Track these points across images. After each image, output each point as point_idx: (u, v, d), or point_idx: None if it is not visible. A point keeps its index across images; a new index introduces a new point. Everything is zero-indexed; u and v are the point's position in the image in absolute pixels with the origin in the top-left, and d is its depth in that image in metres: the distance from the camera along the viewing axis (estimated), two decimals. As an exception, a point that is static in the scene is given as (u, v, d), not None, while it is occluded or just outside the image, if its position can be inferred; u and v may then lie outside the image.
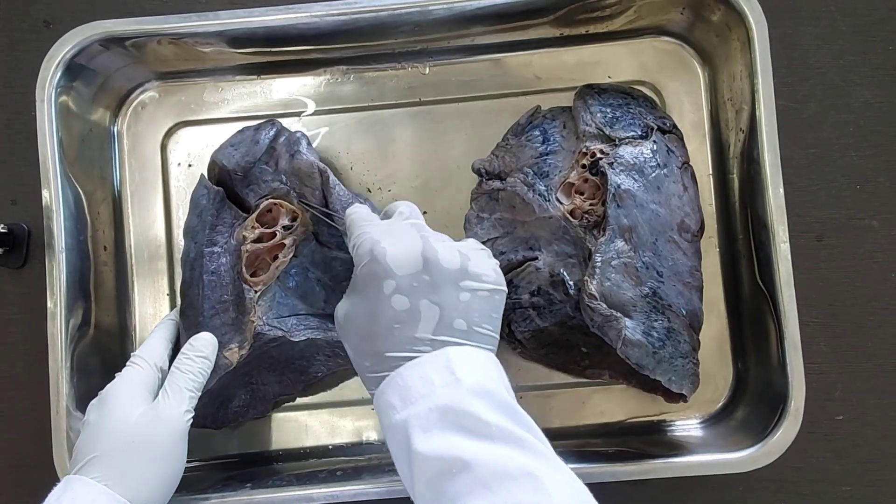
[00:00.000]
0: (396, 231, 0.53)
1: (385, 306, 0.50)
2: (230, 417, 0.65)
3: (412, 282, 0.50)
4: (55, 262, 0.62)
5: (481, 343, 0.50)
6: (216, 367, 0.59)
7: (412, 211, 0.57)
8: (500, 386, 0.48)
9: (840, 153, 0.69)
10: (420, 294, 0.49)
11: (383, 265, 0.50)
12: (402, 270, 0.50)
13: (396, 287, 0.50)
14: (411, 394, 0.47)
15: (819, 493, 0.68)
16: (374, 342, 0.50)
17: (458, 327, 0.50)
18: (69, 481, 0.52)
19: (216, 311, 0.61)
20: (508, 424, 0.45)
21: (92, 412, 0.55)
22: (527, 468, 0.43)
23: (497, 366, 0.50)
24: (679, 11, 0.66)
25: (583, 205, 0.62)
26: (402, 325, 0.49)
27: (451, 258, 0.51)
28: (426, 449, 0.45)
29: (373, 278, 0.50)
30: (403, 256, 0.50)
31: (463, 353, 0.49)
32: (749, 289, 0.65)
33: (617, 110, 0.63)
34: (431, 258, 0.50)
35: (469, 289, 0.50)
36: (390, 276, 0.50)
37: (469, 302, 0.50)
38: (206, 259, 0.61)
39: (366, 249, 0.51)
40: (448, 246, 0.52)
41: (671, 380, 0.59)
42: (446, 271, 0.50)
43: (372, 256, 0.50)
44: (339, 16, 0.63)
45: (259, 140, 0.63)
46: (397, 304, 0.49)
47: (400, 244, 0.51)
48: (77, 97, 0.66)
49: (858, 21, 0.70)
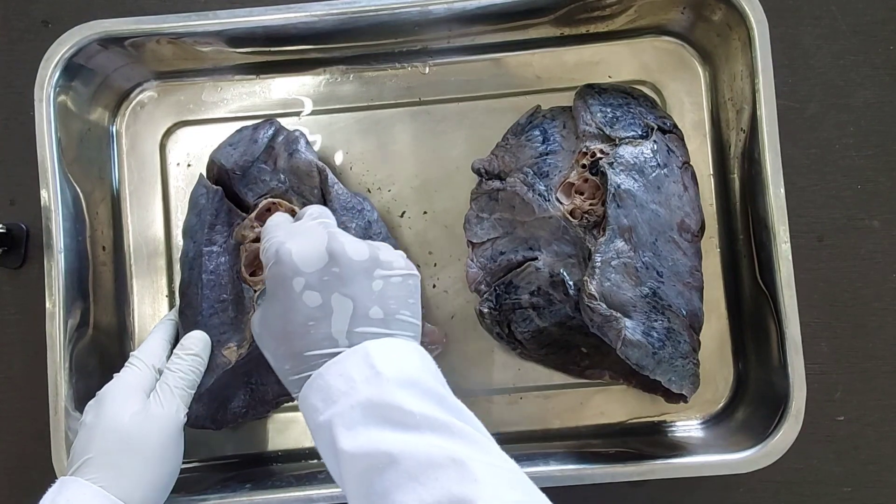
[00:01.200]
0: (302, 230, 0.53)
1: (298, 304, 0.49)
2: (230, 418, 0.64)
3: (321, 276, 0.50)
4: (54, 262, 0.62)
5: (402, 330, 0.50)
6: (215, 365, 0.59)
7: (322, 212, 0.57)
8: (423, 374, 0.48)
9: (841, 153, 0.69)
10: (331, 288, 0.49)
11: (289, 264, 0.50)
12: (309, 267, 0.50)
13: (306, 284, 0.49)
14: (332, 393, 0.47)
15: (819, 494, 0.67)
16: (292, 343, 0.49)
17: (375, 316, 0.50)
18: (64, 482, 0.52)
19: (215, 311, 0.61)
20: (434, 412, 0.45)
21: (89, 413, 0.55)
22: (453, 455, 0.42)
23: (420, 353, 0.50)
24: (680, 11, 0.66)
25: (583, 205, 0.62)
26: (316, 321, 0.49)
27: (359, 249, 0.51)
28: (352, 447, 0.44)
29: (281, 279, 0.50)
30: (309, 253, 0.50)
31: (382, 346, 0.48)
32: (750, 289, 0.65)
33: (617, 110, 0.63)
34: (338, 251, 0.50)
35: (381, 276, 0.51)
36: (298, 274, 0.50)
37: (383, 290, 0.50)
38: (205, 258, 0.61)
39: (272, 252, 0.51)
40: (355, 239, 0.52)
41: (671, 380, 0.59)
42: (355, 262, 0.50)
43: (277, 257, 0.51)
44: (339, 15, 0.63)
45: (257, 139, 0.63)
46: (309, 300, 0.49)
47: (305, 242, 0.51)
48: (76, 97, 0.65)
49: (859, 21, 0.70)
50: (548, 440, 0.66)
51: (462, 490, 0.41)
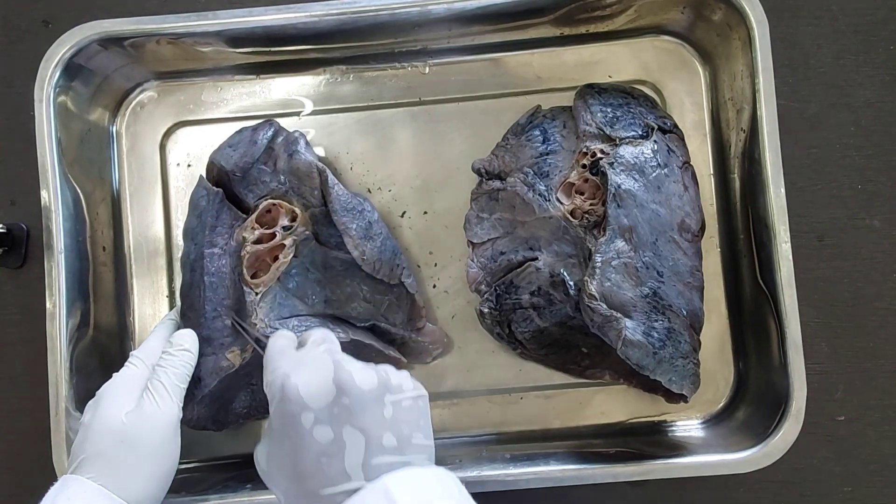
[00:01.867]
0: (307, 361, 0.51)
1: (308, 441, 0.47)
2: (231, 419, 0.64)
3: (331, 410, 0.48)
4: (54, 262, 0.62)
5: (417, 454, 0.49)
6: (219, 368, 0.59)
7: (325, 336, 0.55)
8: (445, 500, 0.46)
9: (841, 153, 0.69)
10: (342, 421, 0.47)
11: (296, 400, 0.48)
12: (317, 402, 0.48)
13: (315, 419, 0.47)
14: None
15: (819, 494, 0.67)
16: (305, 482, 0.47)
17: (388, 444, 0.48)
18: (66, 481, 0.52)
19: (218, 313, 0.61)
20: None
21: (87, 412, 0.55)
22: None
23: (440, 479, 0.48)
24: (680, 11, 0.66)
25: (583, 205, 0.62)
26: (329, 457, 0.47)
27: (367, 378, 0.49)
28: None
29: (289, 416, 0.48)
30: (316, 387, 0.48)
31: (401, 480, 0.46)
32: (750, 289, 0.65)
33: (617, 110, 0.63)
34: (346, 382, 0.48)
35: (391, 402, 0.49)
36: (306, 410, 0.48)
37: (394, 416, 0.49)
38: (206, 261, 0.61)
39: (277, 387, 0.49)
40: (362, 366, 0.50)
41: (672, 380, 0.59)
42: (365, 392, 0.48)
43: (283, 394, 0.48)
44: (339, 15, 0.63)
45: (257, 140, 0.63)
46: (320, 436, 0.47)
47: (311, 375, 0.49)
48: (76, 97, 0.65)
49: (859, 21, 0.70)
50: (548, 440, 0.66)
51: None
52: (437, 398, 0.67)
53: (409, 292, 0.64)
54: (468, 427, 0.67)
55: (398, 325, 0.65)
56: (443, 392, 0.67)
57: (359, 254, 0.62)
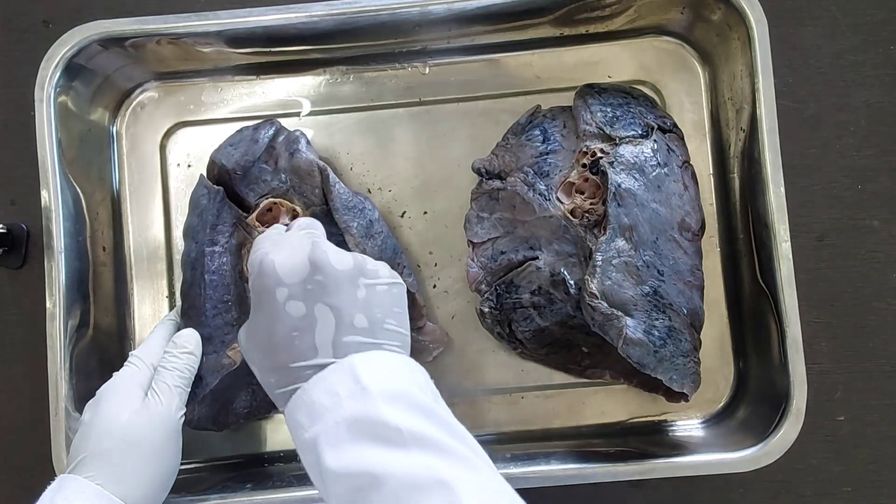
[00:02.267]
0: (287, 241, 0.52)
1: (281, 314, 0.48)
2: (232, 419, 0.64)
3: (304, 286, 0.49)
4: (54, 262, 0.62)
5: (389, 340, 0.49)
6: (220, 366, 0.59)
7: (309, 223, 0.56)
8: (412, 387, 0.47)
9: (841, 153, 0.69)
10: (314, 297, 0.48)
11: (271, 274, 0.49)
12: (292, 277, 0.49)
13: (289, 294, 0.49)
14: (317, 409, 0.45)
15: (820, 494, 0.67)
16: (277, 355, 0.48)
17: (360, 325, 0.49)
18: (63, 480, 0.52)
19: (218, 311, 0.61)
20: (423, 427, 0.44)
21: (87, 412, 0.55)
22: (439, 476, 0.41)
23: (409, 366, 0.49)
24: (679, 11, 0.66)
25: (583, 204, 0.62)
26: (300, 332, 0.48)
27: (343, 259, 0.50)
28: (336, 466, 0.43)
29: (264, 290, 0.49)
30: (291, 263, 0.49)
31: (369, 359, 0.47)
32: (750, 288, 0.65)
33: (617, 109, 0.63)
34: (321, 260, 0.49)
35: (364, 284, 0.50)
36: (280, 284, 0.49)
37: (367, 298, 0.49)
38: (207, 259, 0.61)
39: (255, 262, 0.51)
40: (339, 249, 0.51)
41: (672, 379, 0.59)
42: (339, 271, 0.49)
43: (260, 268, 0.50)
44: (339, 16, 0.63)
45: (258, 139, 0.63)
46: (293, 310, 0.48)
47: (289, 253, 0.50)
48: (76, 97, 0.65)
49: (859, 21, 0.70)
50: (548, 440, 0.66)
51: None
52: (437, 398, 0.67)
53: (409, 291, 0.64)
54: (468, 427, 0.65)
55: (398, 324, 0.65)
56: (443, 392, 0.67)
57: (360, 252, 0.62)
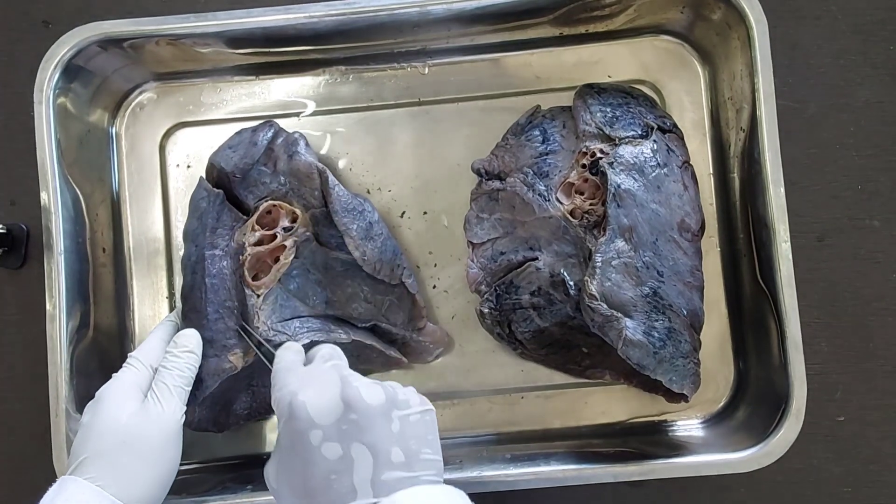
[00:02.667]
0: (315, 377, 0.51)
1: (317, 458, 0.47)
2: (232, 421, 0.64)
3: (339, 426, 0.48)
4: (54, 263, 0.62)
5: (425, 470, 0.49)
6: (221, 370, 0.59)
7: (333, 352, 0.55)
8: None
9: (841, 153, 0.69)
10: (350, 437, 0.48)
11: (304, 418, 0.48)
12: (326, 419, 0.48)
13: (324, 436, 0.48)
14: None
15: (819, 494, 0.67)
16: (314, 499, 0.47)
17: (397, 459, 0.48)
18: (64, 482, 0.52)
19: (220, 315, 0.60)
20: None
21: (87, 413, 0.55)
22: None
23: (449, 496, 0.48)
24: (679, 10, 0.66)
25: (583, 204, 0.62)
26: (338, 474, 0.47)
27: (375, 393, 0.49)
28: None
29: (298, 434, 0.48)
30: (324, 404, 0.49)
31: (411, 497, 0.46)
32: (750, 288, 0.65)
33: (617, 110, 0.63)
34: (354, 398, 0.48)
35: (398, 417, 0.49)
36: (314, 427, 0.48)
37: (402, 430, 0.49)
38: (207, 262, 0.61)
39: (285, 404, 0.50)
40: (369, 382, 0.50)
41: (672, 380, 0.59)
42: (372, 408, 0.48)
43: (291, 411, 0.49)
44: (338, 16, 0.63)
45: (257, 141, 0.63)
46: (329, 452, 0.47)
47: (319, 392, 0.49)
48: (75, 98, 0.65)
49: (859, 21, 0.70)
50: (548, 440, 0.66)
51: None
52: (437, 398, 0.67)
53: (409, 292, 0.64)
54: (468, 427, 0.67)
55: (399, 325, 0.65)
56: (443, 392, 0.67)
57: (359, 254, 0.62)
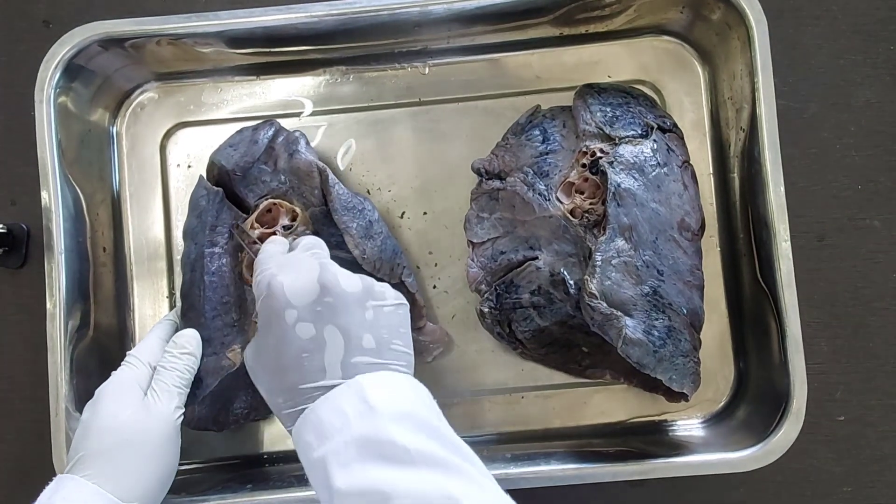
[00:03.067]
0: (294, 262, 0.53)
1: (290, 336, 0.49)
2: (232, 420, 0.64)
3: (314, 308, 0.49)
4: (54, 263, 0.62)
5: (394, 361, 0.50)
6: (220, 368, 0.59)
7: (314, 243, 0.57)
8: (418, 407, 0.47)
9: (841, 153, 0.69)
10: (324, 319, 0.49)
11: (280, 297, 0.50)
12: (301, 299, 0.49)
13: (298, 316, 0.49)
14: (326, 429, 0.46)
15: (820, 494, 0.67)
16: (285, 376, 0.49)
17: (368, 345, 0.49)
18: (61, 480, 0.52)
19: (218, 313, 0.61)
20: (430, 447, 0.44)
21: (86, 411, 0.55)
22: (448, 491, 0.42)
23: (415, 386, 0.49)
24: (679, 10, 0.66)
25: (583, 204, 0.62)
26: (310, 353, 0.49)
27: (351, 282, 0.51)
28: (346, 485, 0.43)
29: (273, 312, 0.50)
30: (300, 285, 0.50)
31: (376, 379, 0.48)
32: (750, 288, 0.65)
33: (617, 109, 0.63)
34: (330, 282, 0.50)
35: (372, 306, 0.50)
36: (290, 307, 0.49)
37: (375, 319, 0.50)
38: (206, 260, 0.61)
39: (263, 285, 0.51)
40: (347, 272, 0.52)
41: (672, 378, 0.59)
42: (347, 293, 0.50)
43: (269, 290, 0.50)
44: (339, 16, 0.63)
45: (258, 140, 0.63)
46: (302, 332, 0.49)
47: (297, 275, 0.51)
48: (76, 98, 0.66)
49: (859, 21, 0.70)
50: (548, 440, 0.66)
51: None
52: (437, 398, 0.67)
53: (409, 292, 0.64)
54: (468, 427, 0.67)
55: (398, 324, 0.65)
56: (443, 392, 0.67)
57: (359, 253, 0.62)
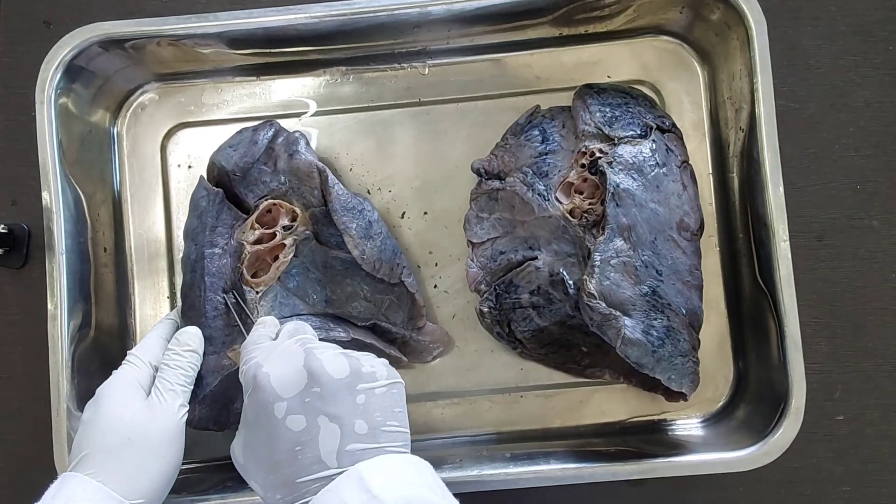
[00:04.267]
0: (280, 351, 0.52)
1: (282, 430, 0.48)
2: (232, 419, 0.64)
3: (303, 399, 0.48)
4: (55, 263, 0.62)
5: (391, 443, 0.49)
6: (220, 367, 0.59)
7: (298, 328, 0.56)
8: (421, 489, 0.46)
9: (840, 153, 0.69)
10: (314, 410, 0.48)
11: (268, 390, 0.49)
12: (289, 391, 0.49)
13: (288, 408, 0.48)
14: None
15: (819, 493, 0.67)
16: (280, 470, 0.48)
17: (361, 431, 0.48)
18: (65, 478, 0.52)
19: (218, 313, 0.61)
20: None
21: (87, 410, 0.55)
22: None
23: (415, 466, 0.48)
24: (678, 10, 0.66)
25: (582, 204, 0.62)
26: (303, 446, 0.48)
27: (338, 366, 0.50)
28: None
29: (262, 406, 0.49)
30: (287, 376, 0.49)
31: (375, 466, 0.47)
32: (749, 288, 0.65)
33: (616, 109, 0.63)
34: (316, 370, 0.49)
35: (363, 390, 0.49)
36: (278, 399, 0.48)
37: (367, 403, 0.49)
38: (206, 260, 0.61)
39: (250, 377, 0.50)
40: (334, 354, 0.51)
41: (671, 378, 0.59)
42: (335, 380, 0.49)
43: (255, 383, 0.50)
44: (339, 16, 0.63)
45: (257, 140, 0.63)
46: (293, 425, 0.48)
47: (282, 364, 0.50)
48: (77, 99, 0.66)
49: (858, 21, 0.70)
50: (548, 439, 0.67)
51: None
52: (437, 398, 0.67)
53: (409, 291, 0.64)
54: (468, 427, 0.67)
55: (399, 324, 0.65)
56: (443, 392, 0.67)
57: (359, 253, 0.62)
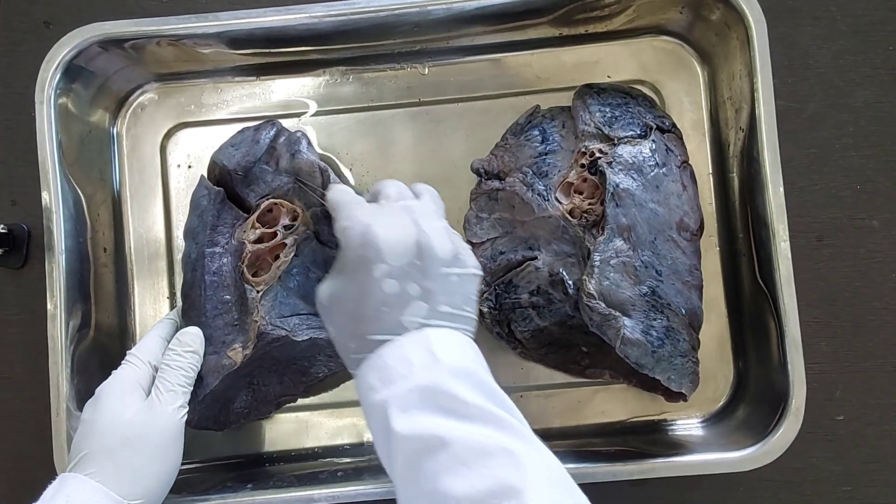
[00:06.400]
0: (387, 214, 0.53)
1: (375, 289, 0.50)
2: (232, 419, 0.64)
3: (405, 268, 0.50)
4: (55, 263, 0.62)
5: (462, 325, 0.51)
6: (220, 367, 0.59)
7: (400, 191, 0.56)
8: (478, 366, 0.49)
9: (840, 153, 0.69)
10: (411, 279, 0.50)
11: (374, 252, 0.50)
12: (394, 259, 0.50)
13: (388, 272, 0.50)
14: (391, 374, 0.47)
15: (819, 493, 0.67)
16: (360, 324, 0.50)
17: (442, 309, 0.50)
18: (64, 479, 0.52)
19: (219, 312, 0.61)
20: (487, 404, 0.45)
21: (87, 410, 0.55)
22: (504, 445, 0.43)
23: (475, 348, 0.51)
24: (678, 10, 0.66)
25: (582, 204, 0.62)
26: (390, 308, 0.49)
27: (445, 247, 0.51)
28: (405, 428, 0.45)
29: (363, 262, 0.50)
30: (397, 243, 0.50)
31: (442, 335, 0.49)
32: (749, 288, 0.65)
33: (616, 110, 0.63)
34: (426, 246, 0.50)
35: (455, 273, 0.51)
36: (382, 261, 0.50)
37: (455, 285, 0.51)
38: (207, 260, 0.61)
39: (356, 233, 0.51)
40: (440, 231, 0.52)
41: (670, 378, 0.59)
42: (439, 259, 0.50)
43: (364, 239, 0.50)
44: (338, 16, 0.63)
45: (259, 140, 0.63)
46: (388, 287, 0.49)
47: (393, 229, 0.51)
48: (76, 99, 0.66)
49: (858, 21, 0.70)
50: (548, 439, 0.65)
51: (511, 479, 0.41)
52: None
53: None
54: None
55: (398, 324, 0.65)
56: (443, 392, 0.67)
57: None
